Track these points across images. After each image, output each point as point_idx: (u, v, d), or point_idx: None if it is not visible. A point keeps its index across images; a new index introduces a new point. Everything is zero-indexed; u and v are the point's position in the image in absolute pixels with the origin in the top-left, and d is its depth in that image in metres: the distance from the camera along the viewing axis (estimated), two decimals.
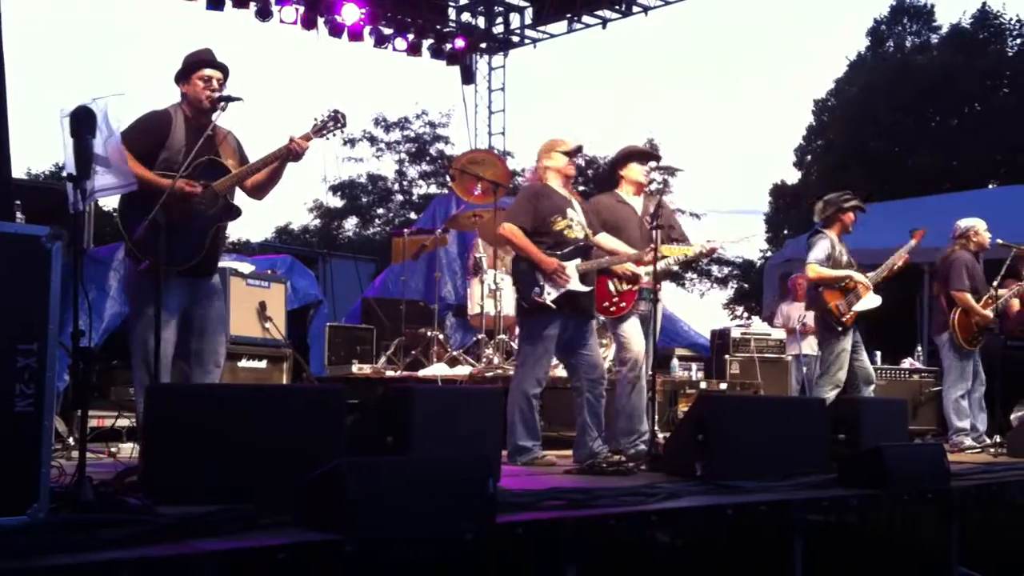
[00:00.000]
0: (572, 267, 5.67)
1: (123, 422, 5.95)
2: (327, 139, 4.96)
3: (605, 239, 5.98)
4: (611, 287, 6.00)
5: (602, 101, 61.56)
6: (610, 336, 7.35)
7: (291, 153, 4.84)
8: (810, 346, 10.14)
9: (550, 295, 5.59)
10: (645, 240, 5.96)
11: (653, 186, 6.31)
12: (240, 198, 4.99)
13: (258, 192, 5.02)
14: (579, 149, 6.02)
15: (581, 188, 25.29)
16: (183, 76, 4.87)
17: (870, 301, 7.14)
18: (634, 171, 6.26)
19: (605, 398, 5.79)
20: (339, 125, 4.96)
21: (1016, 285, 8.04)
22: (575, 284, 5.65)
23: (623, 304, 5.99)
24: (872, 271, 7.33)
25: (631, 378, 5.96)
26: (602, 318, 6.22)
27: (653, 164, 6.35)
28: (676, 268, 6.21)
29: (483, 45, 16.23)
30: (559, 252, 5.68)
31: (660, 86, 69.10)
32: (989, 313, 7.79)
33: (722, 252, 6.28)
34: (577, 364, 5.77)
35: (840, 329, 7.11)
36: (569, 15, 15.19)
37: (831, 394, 6.98)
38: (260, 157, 4.88)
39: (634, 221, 6.14)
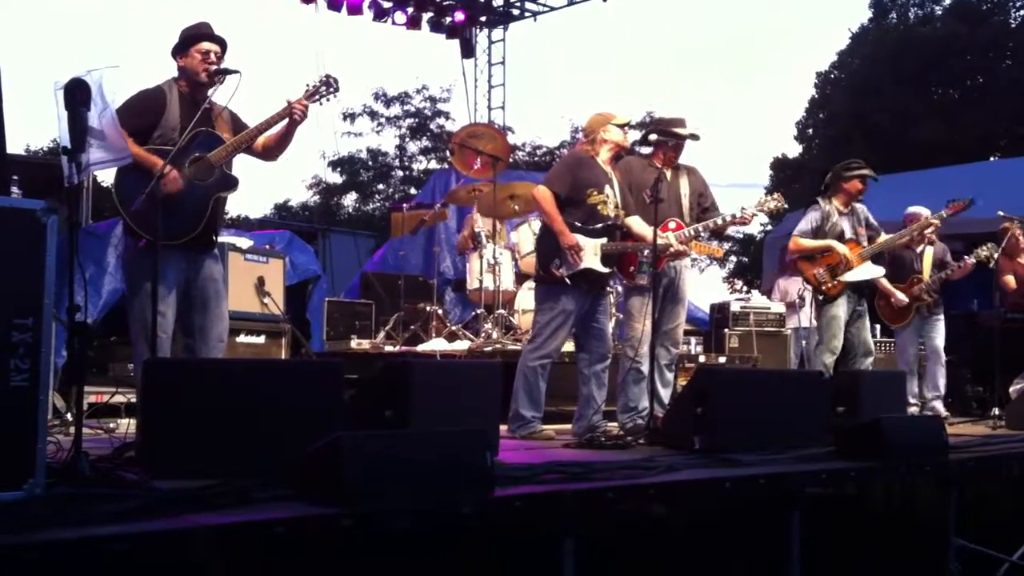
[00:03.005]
0: (596, 245, 5.64)
1: (120, 398, 5.94)
2: (320, 104, 4.94)
3: (635, 223, 5.87)
4: (638, 254, 5.92)
5: (602, 75, 61.28)
6: (614, 310, 7.31)
7: (293, 115, 4.81)
8: (809, 319, 10.13)
9: (568, 269, 5.57)
10: (672, 210, 5.94)
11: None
12: (243, 166, 4.99)
13: (269, 154, 5.02)
14: (629, 124, 5.98)
15: None
16: (181, 49, 4.83)
17: (865, 272, 7.12)
18: (662, 149, 6.11)
19: (607, 372, 5.78)
20: (332, 90, 4.93)
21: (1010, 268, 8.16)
22: (595, 263, 5.62)
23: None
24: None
25: (633, 366, 5.91)
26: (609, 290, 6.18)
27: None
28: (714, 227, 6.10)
29: (483, 18, 16.13)
30: (589, 227, 5.65)
31: (658, 57, 68.82)
32: (902, 296, 8.10)
33: (752, 214, 6.12)
34: (587, 337, 5.76)
35: (822, 298, 7.16)
36: None
37: (828, 360, 7.04)
38: (255, 124, 4.86)
39: (663, 189, 6.00)
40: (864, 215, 7.36)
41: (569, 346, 6.07)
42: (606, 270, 5.69)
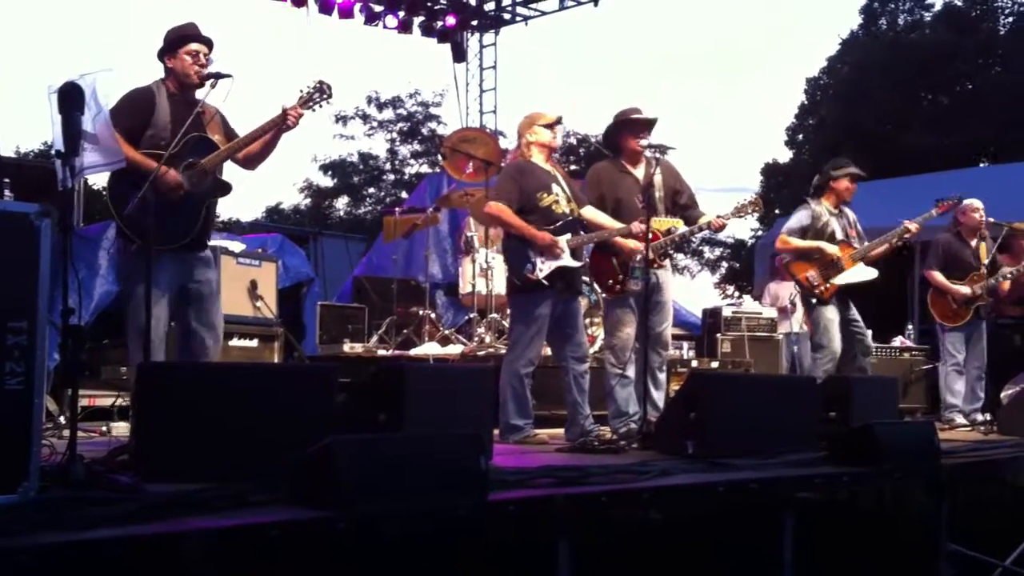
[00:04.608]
0: (563, 242, 5.64)
1: (108, 400, 5.94)
2: (314, 110, 4.92)
3: (591, 213, 5.88)
4: (615, 263, 5.91)
5: (594, 79, 61.40)
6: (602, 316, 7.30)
7: (286, 121, 4.80)
8: (800, 324, 10.15)
9: (542, 271, 5.56)
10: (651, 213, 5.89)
11: (648, 152, 6.12)
12: (230, 171, 4.97)
13: (250, 163, 4.99)
14: (559, 120, 5.89)
15: (573, 167, 25.22)
16: (169, 50, 4.82)
17: (858, 274, 6.98)
18: (628, 142, 6.04)
19: (588, 374, 5.78)
20: (325, 96, 4.91)
21: (1013, 266, 8.08)
22: (567, 259, 5.62)
23: (627, 284, 5.90)
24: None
25: (616, 372, 5.90)
26: (594, 297, 6.18)
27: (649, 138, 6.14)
28: (683, 237, 6.03)
29: (474, 22, 16.15)
30: (549, 228, 5.63)
31: (650, 62, 68.97)
32: (964, 289, 7.75)
33: (727, 220, 5.99)
34: (563, 342, 5.76)
35: (815, 301, 7.00)
36: None
37: (829, 366, 6.88)
38: (250, 131, 4.85)
39: (635, 192, 5.96)
40: (853, 219, 7.26)
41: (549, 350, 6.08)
42: (577, 263, 5.70)
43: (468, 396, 4.49)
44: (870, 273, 7.04)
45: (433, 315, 8.86)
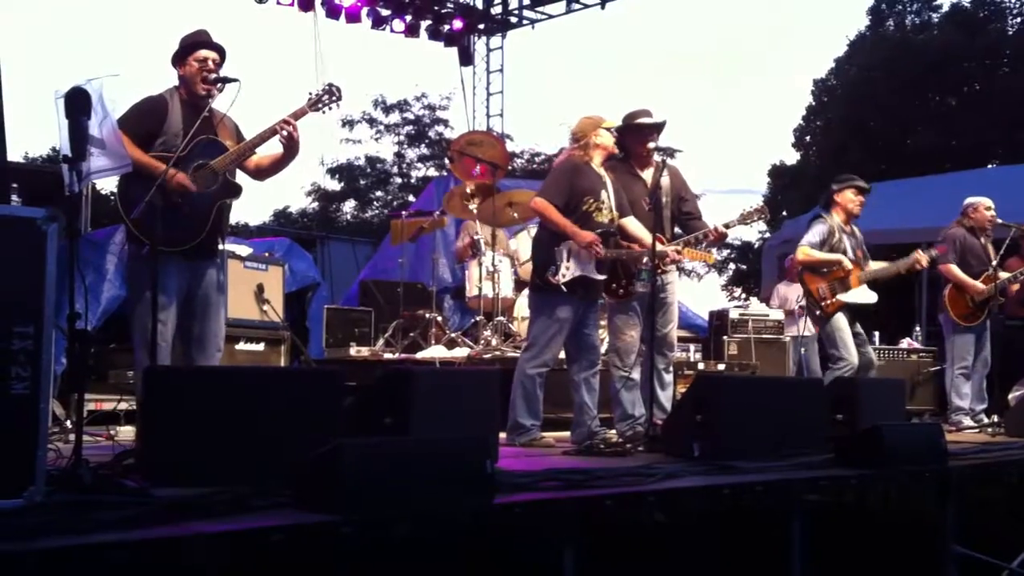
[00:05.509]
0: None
1: (121, 405, 5.95)
2: (323, 113, 4.94)
3: (631, 224, 5.85)
4: (620, 268, 5.88)
5: (600, 82, 61.38)
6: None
7: (282, 136, 4.81)
8: (808, 327, 10.12)
9: (564, 276, 5.55)
10: (653, 218, 5.89)
11: (656, 156, 6.14)
12: (241, 175, 4.99)
13: (261, 174, 5.04)
14: (617, 127, 5.92)
15: None
16: (179, 58, 4.85)
17: (861, 295, 6.95)
18: (636, 146, 6.04)
19: (599, 376, 5.78)
20: (334, 99, 4.93)
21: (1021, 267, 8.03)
22: (591, 270, 5.61)
23: (632, 289, 5.90)
24: (879, 261, 7.25)
25: (622, 375, 5.89)
26: (600, 300, 6.17)
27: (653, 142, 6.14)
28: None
29: (481, 26, 16.17)
30: None
31: (657, 64, 68.94)
32: (982, 286, 7.68)
33: (731, 228, 5.97)
34: (577, 345, 5.75)
35: (818, 314, 6.98)
36: None
37: (848, 372, 6.83)
38: (257, 133, 4.87)
39: (644, 195, 5.93)
40: (861, 239, 7.21)
41: (562, 352, 6.06)
42: (601, 277, 5.69)
43: (474, 399, 4.48)
44: (871, 296, 7.03)
45: (439, 318, 8.86)
